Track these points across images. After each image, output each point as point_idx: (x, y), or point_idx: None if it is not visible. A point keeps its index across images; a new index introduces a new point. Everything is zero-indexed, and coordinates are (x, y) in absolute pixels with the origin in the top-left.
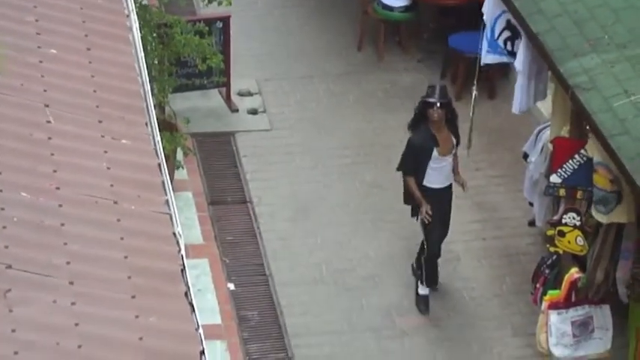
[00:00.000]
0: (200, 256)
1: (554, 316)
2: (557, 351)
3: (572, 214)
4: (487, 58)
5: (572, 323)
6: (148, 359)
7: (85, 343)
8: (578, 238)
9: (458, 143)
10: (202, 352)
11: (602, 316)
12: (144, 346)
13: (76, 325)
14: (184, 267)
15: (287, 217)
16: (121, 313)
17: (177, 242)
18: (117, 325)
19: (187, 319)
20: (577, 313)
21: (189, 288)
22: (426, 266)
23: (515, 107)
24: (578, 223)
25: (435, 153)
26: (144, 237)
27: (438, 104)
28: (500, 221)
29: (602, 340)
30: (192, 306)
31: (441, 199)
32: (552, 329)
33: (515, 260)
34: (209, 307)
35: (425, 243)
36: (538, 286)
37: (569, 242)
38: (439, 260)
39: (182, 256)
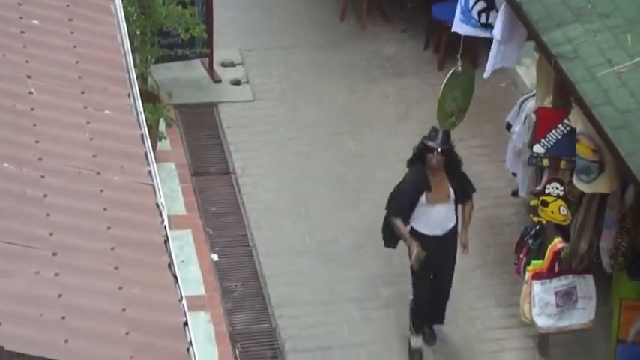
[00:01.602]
0: (183, 228)
1: (537, 286)
2: (540, 321)
3: (556, 184)
4: (459, 27)
5: (556, 293)
6: (131, 330)
7: (68, 314)
8: (562, 208)
9: (467, 196)
10: (186, 323)
11: (586, 286)
12: (127, 317)
13: (60, 296)
14: (167, 238)
15: (270, 188)
16: (105, 284)
17: (161, 213)
18: (100, 296)
19: (171, 290)
20: (560, 283)
21: (172, 259)
22: (414, 316)
23: (487, 72)
24: (561, 193)
25: (423, 198)
26: (127, 208)
27: (438, 150)
28: (483, 192)
29: (585, 310)
30: (176, 277)
31: (432, 248)
32: (535, 299)
33: (498, 231)
34: (192, 278)
35: (413, 293)
36: (521, 256)
37: (552, 212)
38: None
39: (165, 227)
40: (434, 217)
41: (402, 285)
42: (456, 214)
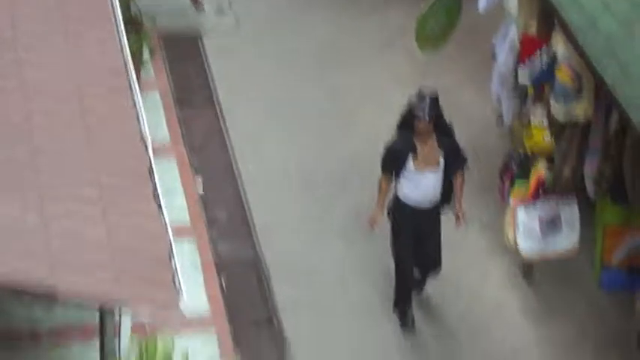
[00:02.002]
0: (168, 157)
1: (521, 213)
2: (524, 247)
3: (540, 112)
4: None
5: (540, 219)
6: (115, 258)
7: (54, 241)
8: (546, 135)
9: (460, 165)
10: (171, 251)
11: (570, 211)
12: (112, 245)
13: (44, 224)
14: (152, 167)
15: (255, 118)
16: (90, 211)
17: (145, 142)
18: (85, 223)
19: (155, 219)
20: (545, 209)
21: (156, 188)
22: (396, 295)
23: (481, 6)
24: (545, 121)
25: (410, 164)
26: (111, 137)
27: (426, 118)
28: (468, 119)
29: (569, 236)
30: (160, 206)
31: (418, 220)
32: (520, 225)
33: (483, 157)
34: (177, 207)
35: (395, 267)
36: (506, 183)
37: (536, 139)
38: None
39: (149, 156)
40: (421, 185)
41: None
42: (444, 188)
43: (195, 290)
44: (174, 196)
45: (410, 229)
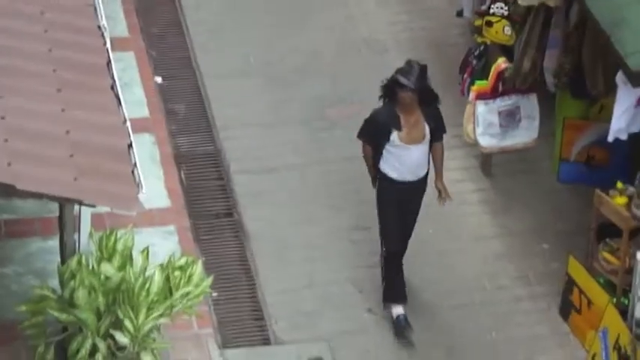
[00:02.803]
0: (126, 50)
1: (481, 107)
2: (484, 141)
3: (500, 4)
4: None
5: (499, 113)
6: (75, 152)
7: (11, 137)
8: (506, 28)
9: (439, 136)
10: (130, 145)
11: (529, 105)
12: (71, 140)
13: (3, 118)
14: (110, 60)
15: (214, 9)
16: (48, 106)
17: (103, 35)
18: (43, 119)
19: (114, 113)
20: (504, 103)
21: (115, 81)
22: (386, 271)
23: None
24: (505, 13)
25: (393, 137)
26: (68, 30)
27: (412, 87)
28: (428, 12)
29: (528, 130)
30: (119, 99)
31: (403, 194)
32: (479, 119)
33: (442, 51)
34: (136, 101)
35: (380, 240)
36: (465, 76)
37: (496, 32)
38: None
39: (107, 49)
40: (407, 160)
41: (348, 106)
42: (429, 161)
43: (154, 184)
44: (133, 88)
45: (395, 202)
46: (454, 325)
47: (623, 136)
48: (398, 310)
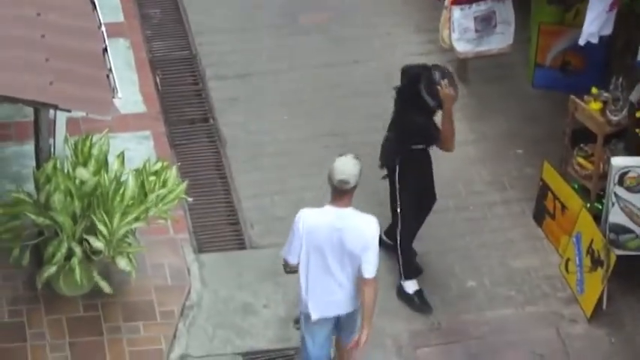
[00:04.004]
0: None
1: (457, 12)
2: (459, 46)
3: None
4: None
5: (475, 18)
6: (51, 56)
7: None
8: None
9: None
10: (105, 50)
11: (505, 10)
12: (46, 44)
13: None
14: None
15: None
16: (22, 11)
17: None
18: (18, 23)
19: (89, 17)
20: (480, 8)
21: None
22: (403, 254)
23: None
24: None
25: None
26: None
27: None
28: None
29: (504, 35)
30: (94, 3)
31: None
32: (455, 25)
33: None
34: (111, 5)
35: (400, 220)
36: None
37: None
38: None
39: None
40: None
41: (321, 13)
42: None
43: (129, 89)
44: None
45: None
46: (428, 231)
47: (594, 40)
48: (414, 285)
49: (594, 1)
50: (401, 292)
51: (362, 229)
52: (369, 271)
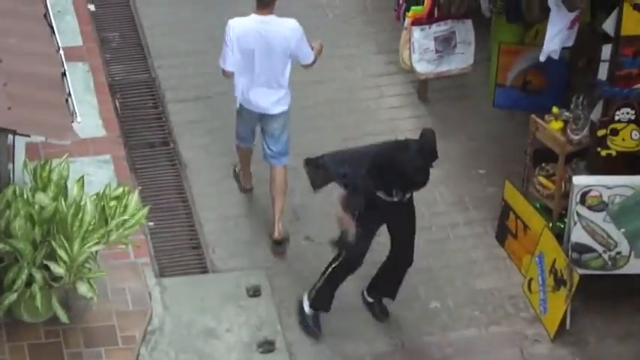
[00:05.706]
0: None
1: (417, 33)
2: (420, 67)
3: None
4: None
5: (435, 39)
6: (8, 81)
7: None
8: None
9: None
10: (64, 74)
11: (465, 30)
12: (4, 69)
13: None
14: None
15: None
16: None
17: None
18: None
19: (47, 41)
20: (440, 28)
21: (48, 9)
22: (333, 278)
23: None
24: None
25: None
26: None
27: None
28: None
29: (464, 55)
30: (52, 27)
31: (383, 211)
32: (415, 45)
33: None
34: (69, 29)
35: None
36: (401, 2)
37: None
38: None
39: None
40: None
41: None
42: None
43: (89, 113)
44: (66, 16)
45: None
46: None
47: (555, 56)
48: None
49: (555, 18)
50: (299, 306)
51: (285, 29)
52: (306, 59)
